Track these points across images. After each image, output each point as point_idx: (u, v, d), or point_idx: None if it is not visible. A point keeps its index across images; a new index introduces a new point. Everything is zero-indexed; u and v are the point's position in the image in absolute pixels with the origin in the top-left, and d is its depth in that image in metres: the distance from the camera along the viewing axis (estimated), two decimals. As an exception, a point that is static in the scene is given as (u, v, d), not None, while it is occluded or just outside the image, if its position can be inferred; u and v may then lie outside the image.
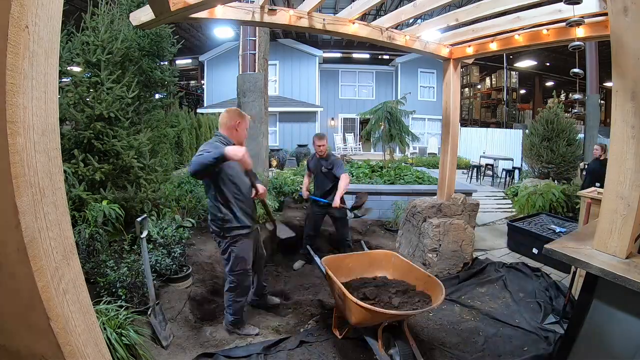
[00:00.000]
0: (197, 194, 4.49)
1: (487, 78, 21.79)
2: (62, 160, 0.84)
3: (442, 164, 4.15)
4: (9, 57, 0.66)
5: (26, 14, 0.69)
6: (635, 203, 1.51)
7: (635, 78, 1.47)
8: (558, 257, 1.69)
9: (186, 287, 3.06)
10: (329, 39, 16.93)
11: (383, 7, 12.60)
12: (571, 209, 5.34)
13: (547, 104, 10.23)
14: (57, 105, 0.81)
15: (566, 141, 7.65)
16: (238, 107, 6.70)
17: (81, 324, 0.87)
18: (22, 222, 0.71)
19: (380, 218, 5.59)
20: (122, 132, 3.38)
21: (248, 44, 6.64)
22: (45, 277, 0.77)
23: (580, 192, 3.34)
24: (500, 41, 3.28)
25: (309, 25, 2.81)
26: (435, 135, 16.50)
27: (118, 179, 3.41)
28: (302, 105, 15.61)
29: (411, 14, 2.98)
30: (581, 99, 8.70)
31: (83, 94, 3.21)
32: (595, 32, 2.54)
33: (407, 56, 16.28)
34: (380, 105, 8.76)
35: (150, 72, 4.11)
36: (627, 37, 1.47)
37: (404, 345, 2.17)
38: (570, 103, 16.86)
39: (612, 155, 1.60)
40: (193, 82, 22.47)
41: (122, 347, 1.95)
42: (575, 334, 1.78)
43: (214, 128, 11.88)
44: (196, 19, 2.43)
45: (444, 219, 3.83)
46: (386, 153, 8.82)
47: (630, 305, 1.53)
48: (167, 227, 3.26)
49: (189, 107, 15.03)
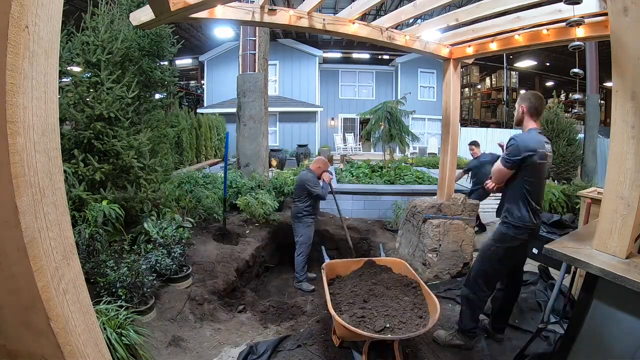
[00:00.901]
0: (197, 194, 4.50)
1: (487, 78, 21.80)
2: (62, 160, 0.84)
3: (442, 164, 4.15)
4: (9, 57, 0.66)
5: (26, 14, 0.69)
6: (635, 203, 1.51)
7: (635, 78, 1.47)
8: (558, 257, 1.69)
9: (186, 287, 3.06)
10: (329, 39, 16.94)
11: (383, 7, 12.60)
12: (571, 209, 5.34)
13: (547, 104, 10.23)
14: (57, 105, 0.81)
15: (566, 141, 7.66)
16: (238, 107, 6.71)
17: (81, 324, 0.87)
18: (22, 222, 0.71)
19: (380, 218, 5.58)
20: (122, 132, 3.38)
21: (248, 44, 6.65)
22: (45, 277, 0.77)
23: (581, 192, 3.34)
24: (500, 41, 3.28)
25: (309, 25, 2.81)
26: (435, 135, 16.50)
27: (118, 179, 3.41)
28: (302, 105, 15.61)
29: (411, 14, 2.98)
30: (581, 99, 8.70)
31: (83, 94, 3.21)
32: (595, 32, 2.53)
33: (407, 56, 16.29)
34: (380, 105, 8.75)
35: (150, 72, 4.11)
36: (627, 37, 1.47)
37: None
38: (570, 103, 16.87)
39: (612, 155, 1.60)
40: (193, 82, 22.47)
41: (122, 347, 1.95)
42: (575, 334, 1.78)
43: (214, 128, 11.89)
44: (196, 19, 2.43)
45: (444, 219, 3.83)
46: (386, 153, 8.82)
47: (630, 305, 1.53)
48: (167, 227, 3.26)
49: (189, 107, 15.04)
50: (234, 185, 5.33)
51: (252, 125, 6.57)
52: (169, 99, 4.75)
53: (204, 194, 4.55)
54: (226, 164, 4.47)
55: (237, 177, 5.65)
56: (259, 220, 4.79)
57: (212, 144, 11.69)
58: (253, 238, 4.41)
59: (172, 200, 3.94)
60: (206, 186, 5.04)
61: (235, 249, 3.97)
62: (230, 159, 7.21)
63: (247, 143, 6.57)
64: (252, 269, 4.11)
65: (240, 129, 6.63)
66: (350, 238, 4.17)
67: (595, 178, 7.41)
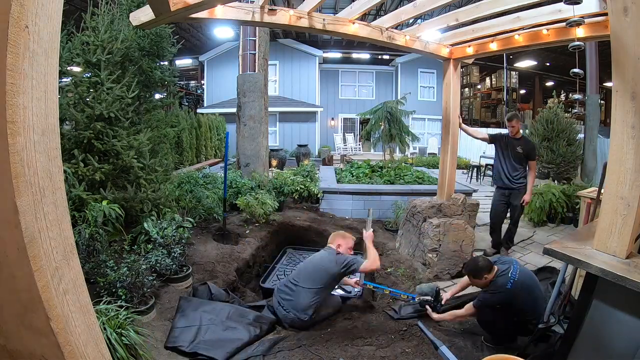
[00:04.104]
0: (197, 194, 4.49)
1: (487, 78, 21.79)
2: (62, 160, 0.84)
3: (442, 164, 4.15)
4: (9, 57, 0.67)
5: (26, 14, 0.69)
6: (635, 203, 1.51)
7: (635, 78, 1.47)
8: (558, 257, 1.69)
9: (186, 287, 3.06)
10: (329, 39, 16.93)
11: (383, 7, 12.59)
12: (571, 209, 5.33)
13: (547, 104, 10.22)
14: (57, 105, 0.81)
15: (566, 141, 7.65)
16: (238, 107, 6.70)
17: (81, 324, 0.87)
18: (22, 222, 0.71)
19: (380, 218, 5.58)
20: (122, 132, 3.38)
21: (248, 44, 6.65)
22: (45, 277, 0.77)
23: (581, 192, 3.34)
24: (500, 41, 3.28)
25: (309, 25, 2.81)
26: (435, 135, 16.49)
27: (118, 179, 3.40)
28: (302, 105, 15.60)
29: (411, 14, 2.98)
30: (581, 99, 8.68)
31: (83, 94, 3.21)
32: (595, 32, 2.54)
33: (407, 56, 16.28)
34: (380, 105, 8.75)
35: (150, 72, 4.11)
36: (627, 37, 1.47)
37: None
38: (570, 103, 16.86)
39: (612, 156, 1.60)
40: (193, 82, 22.46)
41: (122, 347, 1.95)
42: (575, 334, 1.78)
43: (214, 128, 11.89)
44: (196, 19, 2.43)
45: (444, 219, 3.83)
46: (386, 153, 8.81)
47: (630, 305, 1.53)
48: (167, 227, 3.26)
49: (189, 107, 15.04)
50: (234, 185, 5.33)
51: (252, 125, 6.56)
52: (169, 99, 4.75)
53: (204, 194, 4.55)
54: (226, 164, 4.47)
55: (237, 177, 5.64)
56: (259, 220, 4.79)
57: (212, 144, 11.69)
58: (253, 238, 4.41)
59: (172, 200, 3.94)
60: (206, 186, 5.03)
61: (235, 249, 3.97)
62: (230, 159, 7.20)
63: (247, 143, 6.56)
64: (252, 269, 4.11)
65: (240, 129, 6.63)
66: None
67: (595, 178, 7.39)
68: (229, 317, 2.63)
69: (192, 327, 2.47)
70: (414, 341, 2.47)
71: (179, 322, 2.51)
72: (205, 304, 2.75)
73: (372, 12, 12.80)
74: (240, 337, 2.46)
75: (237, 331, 2.52)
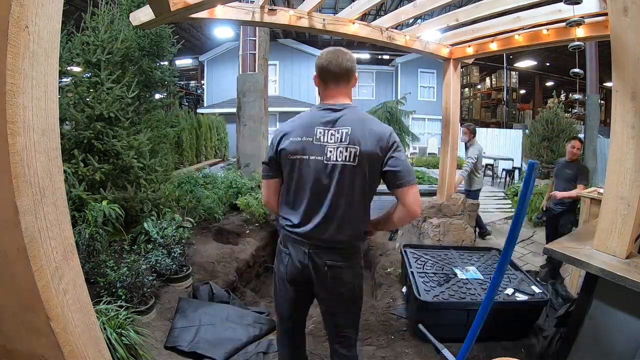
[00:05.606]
0: (197, 194, 4.49)
1: (487, 78, 21.77)
2: (62, 160, 0.84)
3: (442, 164, 4.15)
4: (9, 57, 0.66)
5: (26, 14, 0.69)
6: (635, 203, 1.51)
7: (635, 78, 1.47)
8: (558, 257, 1.69)
9: (186, 287, 3.06)
10: (329, 39, 16.92)
11: (383, 7, 12.58)
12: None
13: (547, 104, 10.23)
14: (57, 105, 0.81)
15: (566, 141, 7.65)
16: (238, 107, 6.70)
17: (81, 324, 0.87)
18: (22, 222, 0.71)
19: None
20: (122, 132, 3.38)
21: (248, 44, 6.65)
22: (45, 277, 0.77)
23: (581, 192, 3.34)
24: (500, 41, 3.28)
25: (309, 25, 2.81)
26: (435, 135, 16.47)
27: (118, 179, 3.40)
28: (302, 105, 15.58)
29: (411, 14, 2.98)
30: (581, 99, 8.69)
31: (83, 94, 3.21)
32: (595, 32, 2.53)
33: (407, 56, 16.27)
34: (381, 105, 8.77)
35: (150, 72, 4.11)
36: (627, 37, 1.47)
37: None
38: (570, 103, 16.85)
39: (612, 156, 1.60)
40: (193, 82, 22.44)
41: (122, 347, 1.95)
42: (575, 334, 1.78)
43: (214, 128, 11.88)
44: (196, 19, 2.43)
45: (444, 219, 3.83)
46: (386, 153, 8.82)
47: (630, 305, 1.53)
48: (167, 227, 3.26)
49: (189, 107, 15.03)
50: (234, 185, 5.32)
51: (252, 125, 6.57)
52: (169, 99, 4.75)
53: (204, 194, 4.55)
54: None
55: (237, 177, 5.64)
56: (259, 220, 4.79)
57: (212, 144, 11.69)
58: (253, 238, 4.41)
59: (172, 200, 3.93)
60: (206, 186, 5.03)
61: (235, 249, 3.97)
62: (230, 158, 7.21)
63: (247, 143, 6.57)
64: (252, 269, 4.11)
65: (240, 129, 6.63)
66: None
67: (595, 178, 7.40)
68: (228, 318, 2.64)
69: (192, 327, 2.48)
70: (414, 341, 2.47)
71: (178, 323, 2.51)
72: (204, 305, 2.76)
73: (372, 12, 12.78)
74: (239, 338, 2.47)
75: (237, 332, 2.52)
